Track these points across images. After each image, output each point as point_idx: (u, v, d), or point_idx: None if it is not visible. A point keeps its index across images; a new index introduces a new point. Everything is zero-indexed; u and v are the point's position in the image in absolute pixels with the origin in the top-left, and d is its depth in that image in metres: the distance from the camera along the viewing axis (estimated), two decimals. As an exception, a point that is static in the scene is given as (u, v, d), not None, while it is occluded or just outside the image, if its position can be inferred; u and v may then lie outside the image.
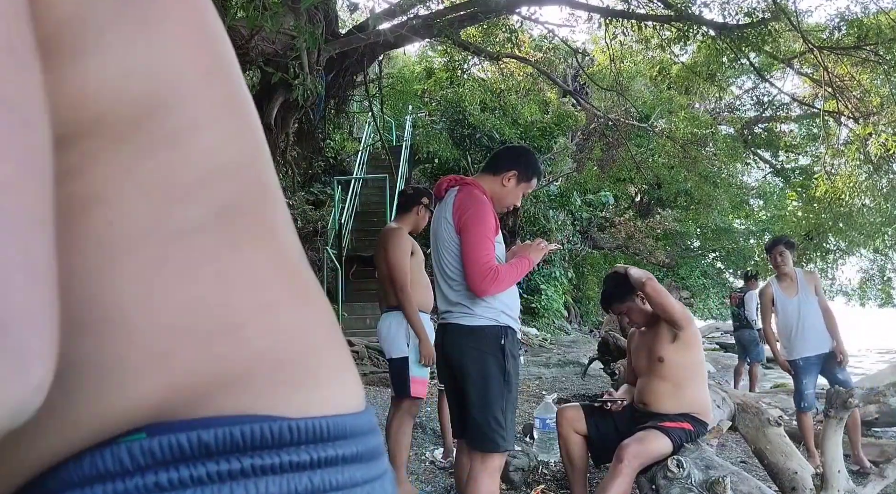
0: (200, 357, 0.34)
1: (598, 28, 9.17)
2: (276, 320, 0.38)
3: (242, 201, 0.39)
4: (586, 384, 7.35)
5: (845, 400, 2.67)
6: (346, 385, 0.40)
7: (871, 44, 7.26)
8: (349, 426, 0.38)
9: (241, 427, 0.33)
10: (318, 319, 0.41)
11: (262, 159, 0.42)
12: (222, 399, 0.34)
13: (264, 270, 0.38)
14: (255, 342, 0.36)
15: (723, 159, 12.10)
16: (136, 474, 0.31)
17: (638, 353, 3.06)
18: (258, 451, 0.33)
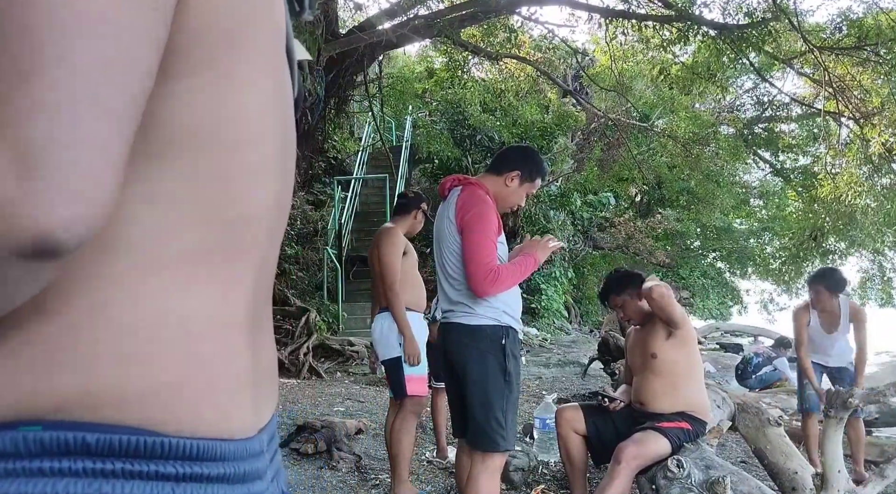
0: (119, 372, 0.40)
1: (598, 28, 9.16)
2: (193, 351, 0.43)
3: (232, 245, 0.46)
4: (586, 384, 7.35)
5: (845, 400, 2.68)
6: (235, 416, 0.46)
7: (872, 44, 7.26)
8: (221, 450, 0.44)
9: (120, 436, 0.39)
10: (241, 360, 0.48)
11: (279, 211, 0.51)
12: (113, 411, 0.40)
13: (209, 308, 0.45)
14: (165, 370, 0.42)
15: (725, 158, 12.09)
16: (26, 458, 0.38)
17: (633, 351, 3.07)
18: (130, 458, 0.40)
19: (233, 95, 0.43)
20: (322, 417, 4.57)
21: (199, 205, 0.43)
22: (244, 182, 0.45)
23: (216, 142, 0.43)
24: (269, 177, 0.48)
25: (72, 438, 0.38)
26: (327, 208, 10.95)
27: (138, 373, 0.41)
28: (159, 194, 0.41)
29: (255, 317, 0.51)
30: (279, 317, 8.11)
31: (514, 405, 2.27)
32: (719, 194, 13.65)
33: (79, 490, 0.38)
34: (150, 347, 0.41)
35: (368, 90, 10.33)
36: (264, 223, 0.49)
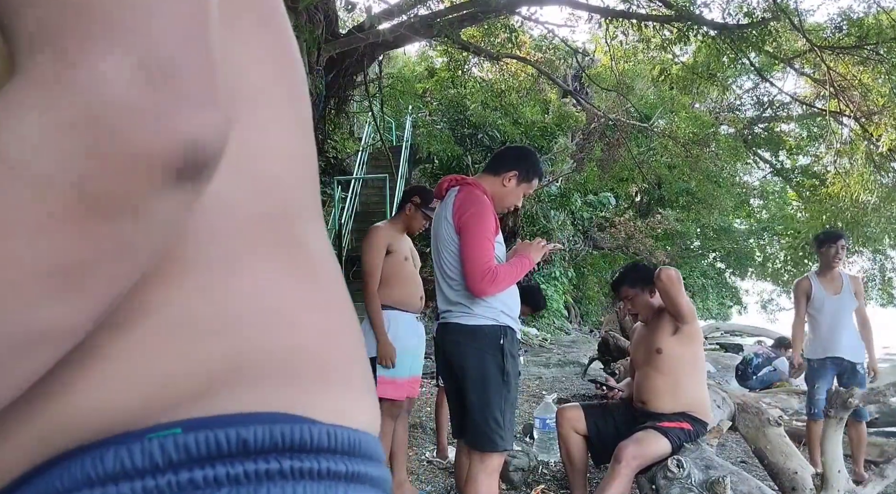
0: (219, 347, 0.33)
1: (598, 28, 9.17)
2: (312, 322, 0.37)
3: (279, 214, 0.39)
4: (586, 384, 7.35)
5: (845, 400, 2.67)
6: (368, 405, 0.39)
7: (872, 43, 7.25)
8: (373, 447, 0.36)
9: (281, 427, 0.32)
10: (350, 333, 0.41)
11: (307, 176, 0.46)
12: (241, 393, 0.32)
13: (303, 280, 0.38)
14: (283, 340, 0.35)
15: (725, 159, 12.10)
16: (169, 471, 0.29)
17: (637, 346, 3.07)
18: (297, 453, 0.32)
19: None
20: (321, 417, 4.56)
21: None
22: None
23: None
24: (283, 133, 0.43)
25: (224, 436, 0.30)
26: (327, 207, 10.95)
27: (281, 344, 0.34)
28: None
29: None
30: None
31: (513, 405, 2.27)
32: (719, 194, 13.65)
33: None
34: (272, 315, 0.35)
35: (368, 90, 10.33)
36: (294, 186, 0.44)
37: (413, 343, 3.07)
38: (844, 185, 8.37)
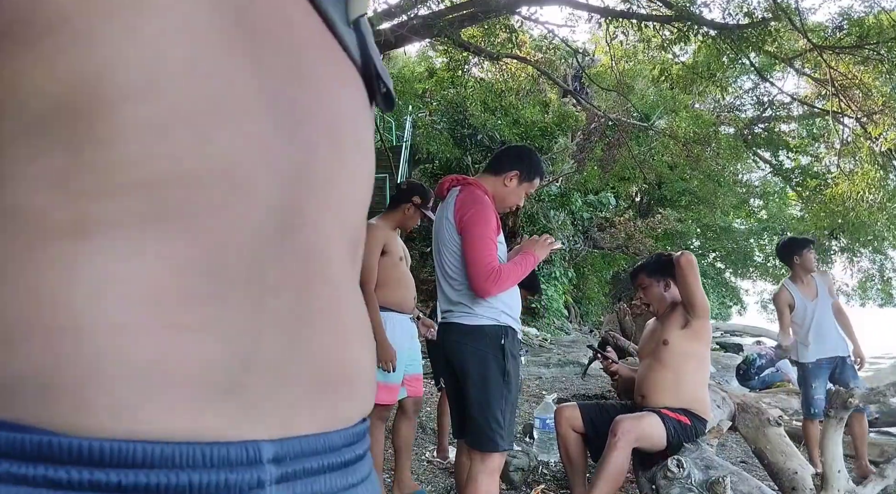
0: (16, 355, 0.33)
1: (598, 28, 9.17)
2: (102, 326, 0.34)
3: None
4: (586, 384, 7.35)
5: (845, 400, 2.67)
6: (172, 414, 0.35)
7: (873, 43, 7.25)
8: (139, 454, 0.34)
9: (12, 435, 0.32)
10: (189, 343, 0.36)
11: (255, 168, 0.39)
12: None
13: (141, 280, 0.35)
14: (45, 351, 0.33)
15: (726, 158, 12.10)
16: None
17: (646, 338, 3.09)
18: (15, 460, 0.32)
19: (100, 49, 0.35)
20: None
21: (96, 175, 0.35)
22: (148, 139, 0.36)
23: (88, 105, 0.35)
24: (213, 128, 0.37)
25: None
26: (327, 208, 10.92)
27: (13, 355, 0.33)
28: (45, 169, 0.35)
29: (244, 290, 0.38)
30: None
31: (513, 405, 2.27)
32: (721, 192, 13.65)
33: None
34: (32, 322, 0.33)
35: (368, 90, 10.32)
36: (221, 185, 0.38)
37: (408, 345, 3.03)
38: (850, 184, 8.35)
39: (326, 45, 0.45)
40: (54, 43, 0.34)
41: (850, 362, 3.98)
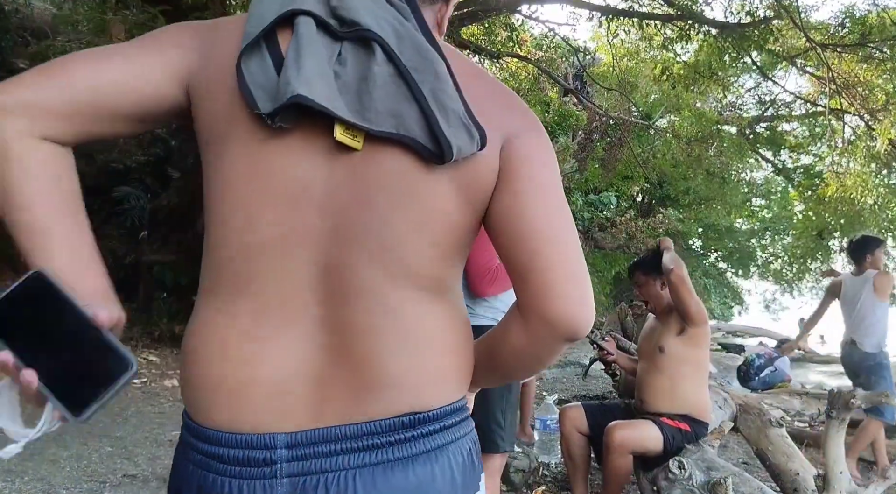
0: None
1: (599, 27, 9.14)
2: (191, 359, 0.71)
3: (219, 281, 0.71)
4: (587, 384, 7.33)
5: (847, 401, 2.65)
6: (205, 411, 0.69)
7: (875, 41, 7.21)
8: (203, 434, 0.69)
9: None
10: (214, 368, 0.69)
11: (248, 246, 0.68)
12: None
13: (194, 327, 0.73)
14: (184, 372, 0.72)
15: (729, 157, 12.06)
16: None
17: (644, 338, 3.07)
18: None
19: (212, 176, 0.69)
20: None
21: (208, 253, 0.71)
22: (237, 230, 0.66)
23: (208, 207, 0.69)
24: (255, 230, 0.65)
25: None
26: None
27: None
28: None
29: (254, 332, 0.66)
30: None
31: (514, 407, 2.26)
32: (726, 190, 13.59)
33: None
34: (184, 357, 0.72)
35: (369, 90, 10.31)
36: (258, 257, 0.66)
37: None
38: (841, 185, 8.31)
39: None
40: (205, 160, 0.69)
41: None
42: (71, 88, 0.61)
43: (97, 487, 3.09)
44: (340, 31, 0.65)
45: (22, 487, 3.00)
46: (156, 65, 0.64)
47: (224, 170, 0.65)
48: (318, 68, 0.62)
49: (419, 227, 0.67)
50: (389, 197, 0.65)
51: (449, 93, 0.65)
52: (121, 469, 3.36)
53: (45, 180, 0.61)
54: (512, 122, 0.71)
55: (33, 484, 3.04)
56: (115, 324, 0.60)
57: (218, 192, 0.66)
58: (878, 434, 3.95)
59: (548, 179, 0.70)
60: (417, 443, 0.66)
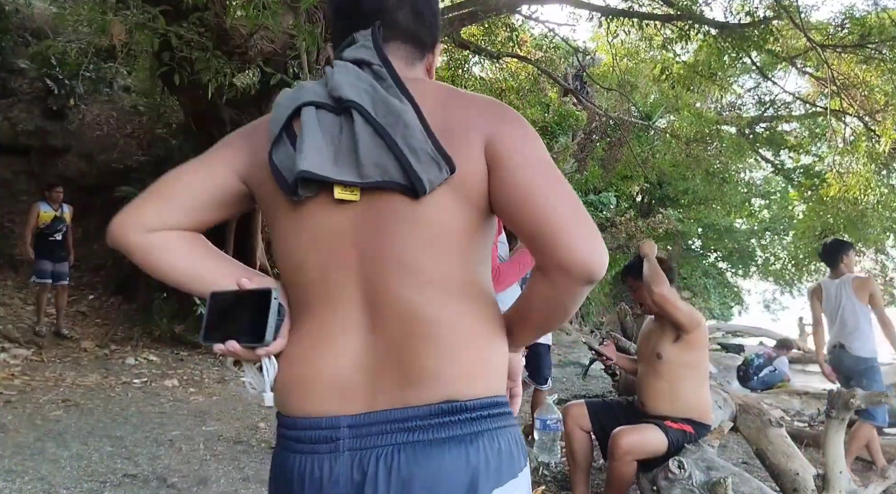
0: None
1: (599, 27, 9.14)
2: (284, 361, 0.91)
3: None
4: (587, 384, 7.32)
5: (847, 401, 2.65)
6: (286, 402, 0.91)
7: (875, 41, 7.21)
8: (286, 421, 0.92)
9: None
10: (293, 367, 0.91)
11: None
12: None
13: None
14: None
15: (728, 157, 12.05)
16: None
17: (642, 341, 3.07)
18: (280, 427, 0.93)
19: (273, 236, 0.94)
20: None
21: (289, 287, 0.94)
22: (293, 273, 0.91)
23: (276, 257, 0.96)
24: (305, 271, 0.89)
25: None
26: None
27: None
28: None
29: (315, 343, 0.88)
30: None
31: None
32: (727, 189, 13.58)
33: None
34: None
35: (369, 90, 10.29)
36: (311, 289, 0.89)
37: None
38: (843, 185, 8.29)
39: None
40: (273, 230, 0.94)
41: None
42: (164, 200, 0.93)
43: (97, 487, 3.09)
44: (336, 107, 0.85)
45: (22, 487, 3.00)
46: (222, 169, 0.92)
47: (280, 232, 0.91)
48: (315, 144, 0.83)
49: (430, 241, 0.84)
50: (398, 225, 0.83)
51: (417, 137, 0.81)
52: (121, 468, 3.36)
53: (183, 251, 0.92)
54: (490, 122, 0.85)
55: (34, 484, 3.04)
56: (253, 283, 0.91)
57: (280, 247, 0.91)
58: (871, 434, 3.96)
59: (531, 152, 0.84)
60: (453, 427, 0.81)
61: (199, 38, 5.51)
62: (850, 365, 4.02)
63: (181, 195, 0.92)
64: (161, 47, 5.52)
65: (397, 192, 0.82)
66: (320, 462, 0.82)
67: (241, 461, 3.65)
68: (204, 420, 4.54)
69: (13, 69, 10.33)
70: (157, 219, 0.90)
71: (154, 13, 5.33)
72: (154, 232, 0.90)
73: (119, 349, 6.69)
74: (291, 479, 0.84)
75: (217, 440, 4.06)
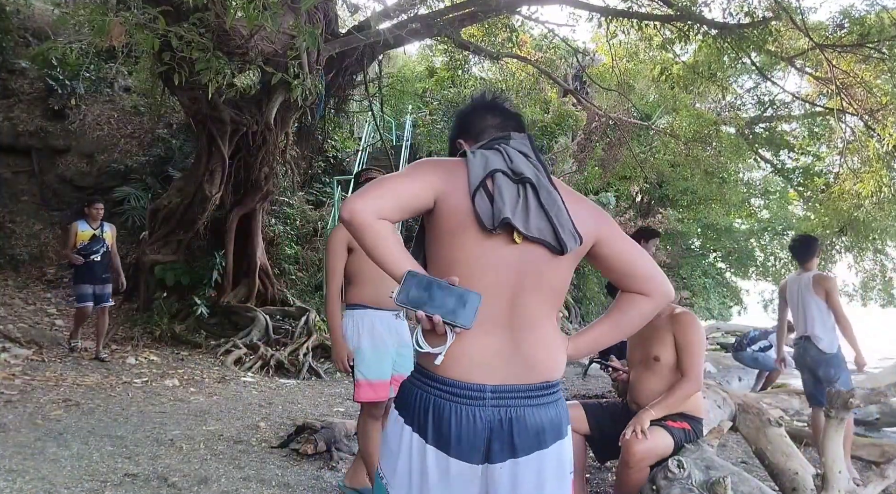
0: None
1: (598, 27, 9.14)
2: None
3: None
4: (587, 384, 7.33)
5: (846, 400, 2.66)
6: (452, 369, 1.30)
7: (874, 41, 7.22)
8: (447, 380, 1.31)
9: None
10: (464, 346, 1.31)
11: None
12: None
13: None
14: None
15: (728, 157, 12.03)
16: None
17: (635, 346, 3.04)
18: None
19: (447, 247, 1.31)
20: (322, 417, 4.56)
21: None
22: (466, 280, 1.25)
23: (439, 262, 1.33)
24: (479, 281, 1.27)
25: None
26: (327, 207, 10.93)
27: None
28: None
29: (483, 320, 1.25)
30: (279, 317, 8.10)
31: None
32: (726, 189, 13.56)
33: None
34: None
35: (368, 90, 10.31)
36: (477, 282, 1.27)
37: (393, 342, 2.95)
38: (861, 182, 8.26)
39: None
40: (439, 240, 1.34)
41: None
42: (394, 200, 1.26)
43: (98, 486, 3.09)
44: (515, 178, 1.31)
45: (23, 486, 3.00)
46: (424, 186, 1.28)
47: (460, 249, 1.29)
48: (511, 201, 1.28)
49: (556, 282, 1.35)
50: (544, 267, 1.32)
51: (564, 216, 1.32)
52: (122, 468, 3.37)
53: (392, 237, 1.25)
54: (599, 223, 1.39)
55: (34, 484, 3.04)
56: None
57: (453, 257, 1.29)
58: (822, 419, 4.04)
59: (622, 235, 1.42)
60: (548, 398, 1.32)
61: (200, 38, 5.52)
62: (816, 356, 4.26)
63: (402, 200, 1.26)
64: (161, 48, 5.53)
65: (546, 247, 1.30)
66: (471, 411, 1.25)
67: (241, 460, 3.66)
68: (204, 420, 4.55)
69: (14, 69, 10.34)
70: (387, 212, 1.23)
71: (154, 14, 5.34)
72: (381, 220, 1.23)
73: (120, 348, 6.70)
74: (449, 416, 1.26)
75: (217, 439, 4.07)
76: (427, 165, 1.33)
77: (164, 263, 7.89)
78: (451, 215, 1.28)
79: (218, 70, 5.67)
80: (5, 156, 9.67)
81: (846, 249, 13.35)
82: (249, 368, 6.84)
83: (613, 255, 1.39)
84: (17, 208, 9.39)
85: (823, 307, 4.24)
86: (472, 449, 1.24)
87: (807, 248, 4.47)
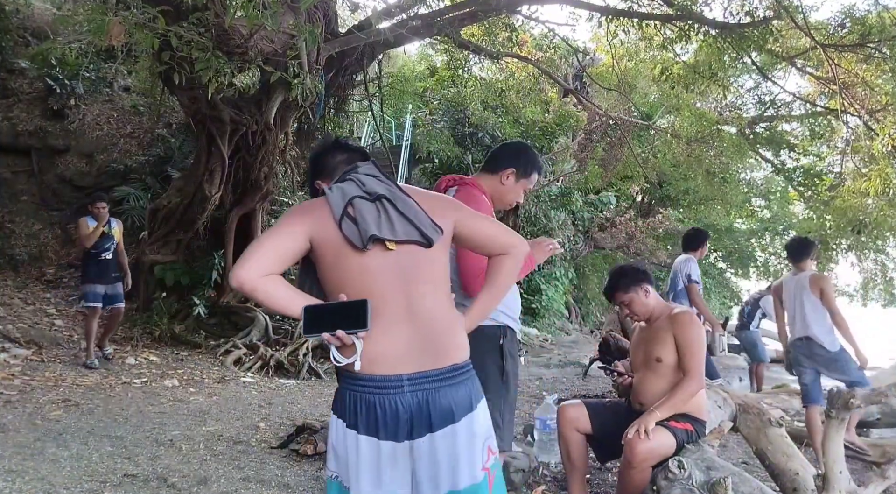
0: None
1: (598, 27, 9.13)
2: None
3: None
4: (587, 384, 7.33)
5: (847, 401, 2.65)
6: (372, 364, 1.45)
7: (875, 41, 7.20)
8: (367, 376, 1.47)
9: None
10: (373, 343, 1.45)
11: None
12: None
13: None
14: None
15: (728, 157, 12.01)
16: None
17: (637, 348, 3.04)
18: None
19: (335, 270, 1.48)
20: (321, 418, 4.56)
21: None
22: (360, 293, 1.42)
23: (330, 284, 1.51)
24: (371, 290, 1.44)
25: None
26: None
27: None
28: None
29: (386, 320, 1.43)
30: (278, 317, 8.09)
31: (512, 406, 2.25)
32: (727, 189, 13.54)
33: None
34: None
35: (368, 89, 10.31)
36: (376, 300, 1.42)
37: None
38: (870, 181, 8.22)
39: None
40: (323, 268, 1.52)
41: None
42: (274, 256, 1.44)
43: (97, 487, 3.08)
44: (371, 198, 1.50)
45: (22, 487, 3.00)
46: (295, 235, 1.47)
47: (345, 270, 1.46)
48: (374, 219, 1.46)
49: (437, 270, 1.53)
50: (420, 260, 1.49)
51: (422, 216, 1.50)
52: (121, 468, 3.36)
53: (281, 287, 1.44)
54: (452, 211, 1.59)
55: (34, 484, 3.04)
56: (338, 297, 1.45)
57: (342, 277, 1.46)
58: (817, 418, 4.09)
59: (474, 214, 1.65)
60: (457, 379, 1.48)
61: (199, 37, 5.51)
62: (823, 355, 4.27)
63: (279, 253, 1.45)
64: (161, 47, 5.52)
65: (417, 244, 1.48)
66: (393, 399, 1.42)
67: (241, 461, 3.65)
68: (204, 420, 4.55)
69: (13, 69, 10.33)
70: (269, 268, 1.43)
71: (154, 13, 5.33)
72: (266, 277, 1.42)
73: (119, 349, 6.69)
74: (375, 407, 1.42)
75: (217, 440, 4.06)
76: (294, 215, 1.53)
77: (163, 263, 7.88)
78: (328, 247, 1.45)
79: (218, 70, 5.67)
80: (4, 156, 9.67)
81: (849, 248, 13.31)
82: (249, 368, 6.84)
83: (471, 232, 1.59)
84: (16, 207, 9.38)
85: (819, 306, 4.26)
86: (398, 431, 1.42)
87: (802, 248, 4.52)
